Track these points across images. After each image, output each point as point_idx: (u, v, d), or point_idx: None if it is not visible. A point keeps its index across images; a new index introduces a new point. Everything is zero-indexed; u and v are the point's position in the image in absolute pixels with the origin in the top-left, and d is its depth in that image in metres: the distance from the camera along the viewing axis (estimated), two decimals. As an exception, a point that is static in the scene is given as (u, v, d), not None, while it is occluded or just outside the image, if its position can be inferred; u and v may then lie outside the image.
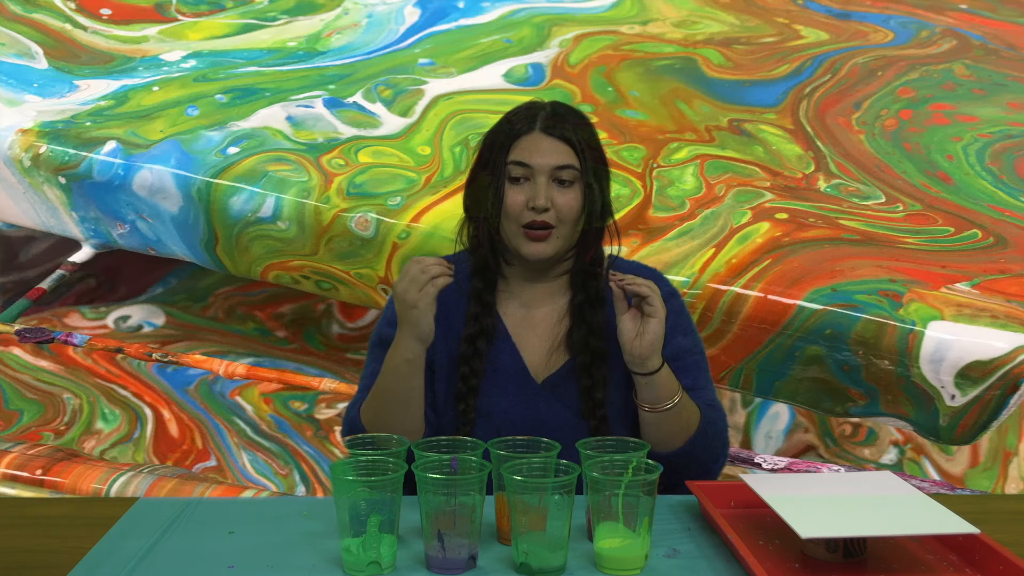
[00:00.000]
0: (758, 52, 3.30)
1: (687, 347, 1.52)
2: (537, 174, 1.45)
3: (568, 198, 1.45)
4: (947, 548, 1.22)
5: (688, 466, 1.42)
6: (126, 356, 2.77)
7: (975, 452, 2.95)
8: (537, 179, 1.45)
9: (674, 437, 1.43)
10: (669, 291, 1.53)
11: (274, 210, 2.50)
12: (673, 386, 1.42)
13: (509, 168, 1.46)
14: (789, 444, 3.02)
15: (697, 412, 1.45)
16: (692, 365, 1.51)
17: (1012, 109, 3.14)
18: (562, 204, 1.45)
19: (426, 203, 2.49)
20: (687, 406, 1.44)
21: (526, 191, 1.45)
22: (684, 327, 1.53)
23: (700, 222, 2.47)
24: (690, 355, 1.52)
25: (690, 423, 1.44)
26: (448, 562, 1.14)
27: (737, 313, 2.24)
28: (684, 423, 1.43)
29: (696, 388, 1.49)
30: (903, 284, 2.24)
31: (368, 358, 1.55)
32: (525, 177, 1.46)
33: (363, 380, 1.53)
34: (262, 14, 3.29)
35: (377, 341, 1.53)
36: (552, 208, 1.44)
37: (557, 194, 1.45)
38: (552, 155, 1.45)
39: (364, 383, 1.51)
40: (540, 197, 1.43)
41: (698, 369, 1.52)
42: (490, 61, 3.09)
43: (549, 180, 1.45)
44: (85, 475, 2.21)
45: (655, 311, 1.38)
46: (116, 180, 2.60)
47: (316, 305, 3.42)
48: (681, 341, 1.51)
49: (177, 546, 1.22)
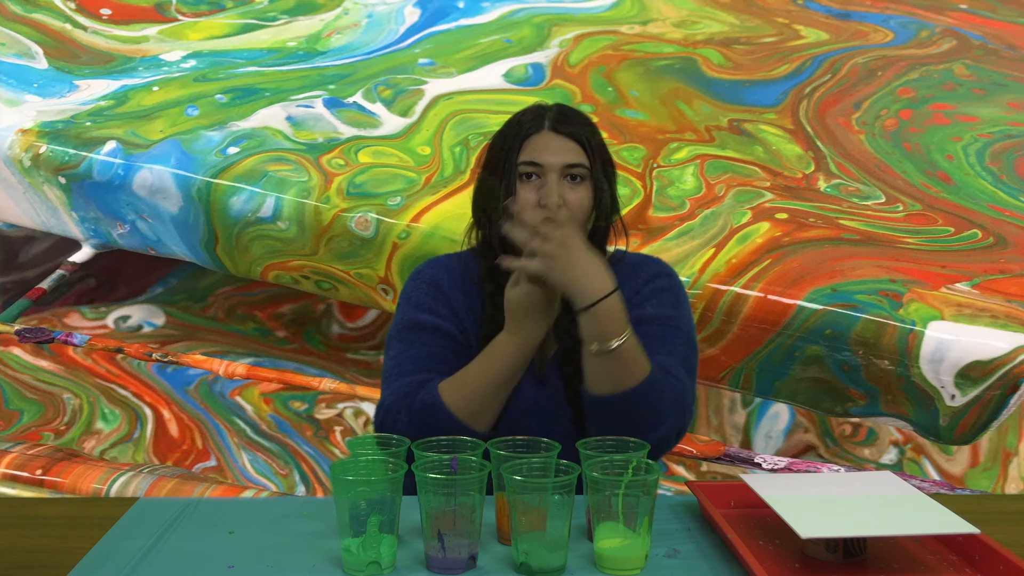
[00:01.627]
0: (758, 52, 3.30)
1: (654, 315, 1.48)
2: (548, 172, 1.45)
3: (579, 195, 1.46)
4: (947, 548, 1.22)
5: (624, 420, 1.36)
6: (126, 356, 2.77)
7: (975, 452, 2.95)
8: (548, 177, 1.45)
9: (613, 381, 1.36)
10: (658, 271, 1.53)
11: (274, 210, 2.50)
12: (620, 323, 1.36)
13: (520, 168, 1.47)
14: (789, 444, 3.02)
15: (647, 365, 1.38)
16: (656, 333, 1.46)
17: (1012, 109, 3.14)
18: (573, 201, 1.46)
19: (426, 203, 2.49)
20: (634, 349, 1.37)
21: (537, 190, 1.46)
22: (661, 301, 1.50)
23: (700, 222, 2.47)
24: (654, 324, 1.47)
25: (634, 371, 1.37)
26: (448, 562, 1.14)
27: (737, 313, 2.24)
28: (630, 367, 1.36)
29: (652, 353, 1.41)
30: (903, 284, 2.24)
31: (398, 345, 1.49)
32: (536, 175, 1.46)
33: (401, 365, 1.47)
34: (262, 14, 3.30)
35: (409, 326, 1.49)
36: (564, 206, 1.45)
37: (568, 192, 1.46)
38: (563, 153, 1.46)
39: (405, 367, 1.46)
40: (553, 195, 1.44)
41: (661, 339, 1.46)
42: (490, 61, 3.09)
43: (560, 178, 1.46)
44: (85, 475, 2.21)
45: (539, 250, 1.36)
46: (116, 180, 2.60)
47: (316, 305, 3.42)
48: (649, 310, 1.48)
49: (177, 546, 1.22)
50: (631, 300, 1.47)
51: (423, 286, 1.53)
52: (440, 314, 1.49)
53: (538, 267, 1.37)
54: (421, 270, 1.56)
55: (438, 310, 1.49)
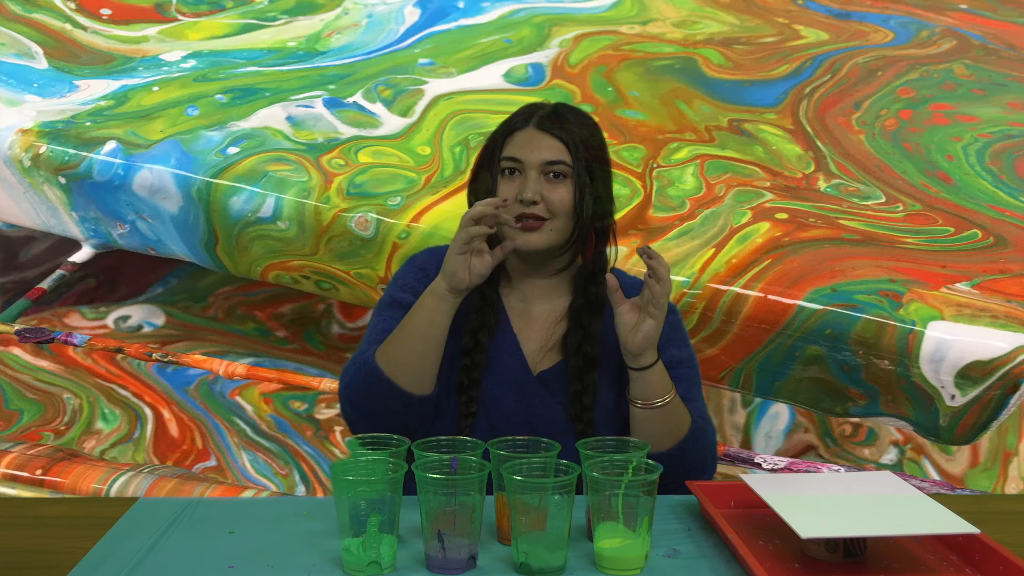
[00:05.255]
0: (758, 52, 3.30)
1: (680, 359, 1.54)
2: (527, 168, 1.48)
3: (559, 192, 1.48)
4: (947, 548, 1.22)
5: (676, 472, 1.42)
6: (126, 356, 2.77)
7: (975, 452, 2.95)
8: (528, 173, 1.48)
9: (663, 437, 1.43)
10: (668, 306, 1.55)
11: (274, 210, 2.50)
12: (666, 384, 1.43)
13: (502, 163, 1.50)
14: (789, 444, 3.02)
15: (688, 416, 1.46)
16: (684, 377, 1.52)
17: (1012, 109, 3.14)
18: (553, 198, 1.47)
19: (426, 203, 2.49)
20: (678, 407, 1.45)
21: (517, 184, 1.48)
22: (678, 340, 1.55)
23: (700, 222, 2.47)
24: (682, 367, 1.53)
25: (680, 425, 1.45)
26: (448, 562, 1.14)
27: (737, 313, 2.24)
28: (674, 424, 1.44)
29: (688, 399, 1.50)
30: (903, 284, 2.24)
31: (375, 318, 1.55)
32: (518, 171, 1.49)
33: (369, 335, 1.52)
34: (262, 14, 3.29)
35: (388, 302, 1.55)
36: (543, 202, 1.47)
37: (548, 188, 1.48)
38: (543, 150, 1.48)
39: (371, 338, 1.51)
40: (528, 190, 1.46)
41: (690, 382, 1.53)
42: (490, 61, 3.09)
43: (540, 174, 1.48)
44: (85, 475, 2.21)
45: (657, 312, 1.39)
46: (116, 180, 2.60)
47: (316, 305, 3.42)
48: (674, 353, 1.53)
49: (177, 546, 1.22)
50: None
51: (411, 269, 1.58)
52: (418, 294, 1.51)
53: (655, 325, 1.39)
54: (416, 256, 1.62)
55: (418, 291, 1.52)
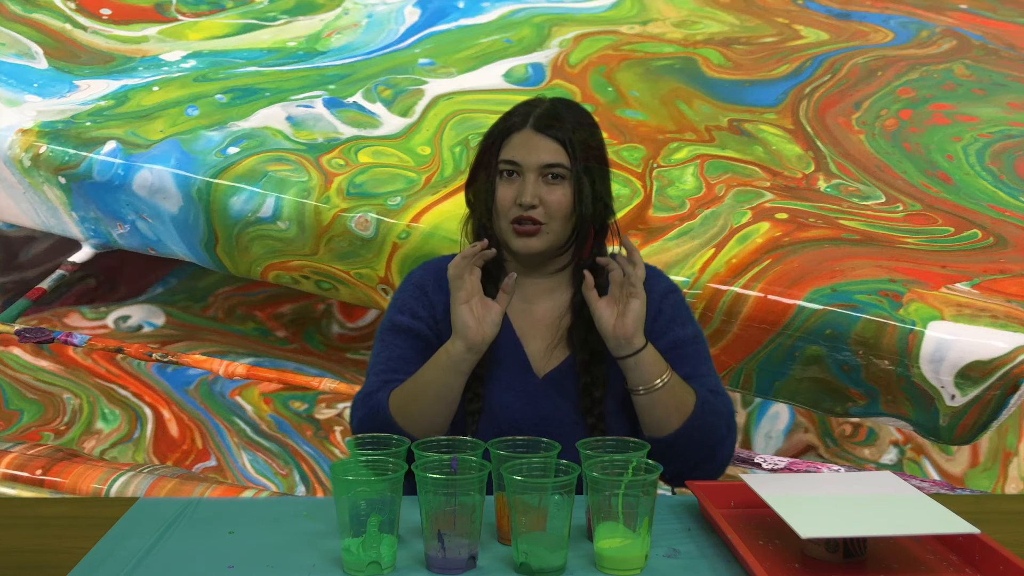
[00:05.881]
0: (758, 52, 3.30)
1: (685, 336, 1.53)
2: (526, 171, 1.47)
3: (557, 195, 1.47)
4: (947, 548, 1.22)
5: (691, 449, 1.42)
6: (126, 356, 2.77)
7: (975, 452, 2.95)
8: (526, 176, 1.47)
9: (670, 418, 1.42)
10: (668, 287, 1.56)
11: (274, 210, 2.50)
12: (661, 363, 1.43)
13: (500, 165, 1.49)
14: (789, 444, 3.02)
15: (691, 391, 1.45)
16: (691, 354, 1.52)
17: (1012, 109, 3.14)
18: (551, 201, 1.46)
19: (426, 203, 2.49)
20: (679, 384, 1.44)
21: (515, 187, 1.47)
22: (683, 319, 1.54)
23: (700, 222, 2.47)
24: (689, 344, 1.52)
25: (684, 402, 1.43)
26: (448, 562, 1.14)
27: (737, 313, 2.24)
28: (679, 400, 1.43)
29: (696, 376, 1.49)
30: (903, 284, 2.24)
31: (377, 346, 1.56)
32: (516, 173, 1.48)
33: (374, 365, 1.53)
34: (262, 14, 3.29)
35: (388, 327, 1.55)
36: (541, 205, 1.46)
37: (546, 191, 1.47)
38: (541, 153, 1.47)
39: (377, 368, 1.52)
40: (527, 194, 1.45)
41: (697, 358, 1.52)
42: (490, 61, 3.09)
43: (538, 177, 1.47)
44: (85, 475, 2.21)
45: (636, 291, 1.40)
46: (116, 180, 2.60)
47: (316, 305, 3.42)
48: (679, 332, 1.52)
49: (177, 546, 1.22)
50: (655, 319, 1.50)
51: (410, 288, 1.57)
52: (418, 316, 1.53)
53: (639, 306, 1.40)
54: (413, 272, 1.61)
55: (417, 312, 1.53)
